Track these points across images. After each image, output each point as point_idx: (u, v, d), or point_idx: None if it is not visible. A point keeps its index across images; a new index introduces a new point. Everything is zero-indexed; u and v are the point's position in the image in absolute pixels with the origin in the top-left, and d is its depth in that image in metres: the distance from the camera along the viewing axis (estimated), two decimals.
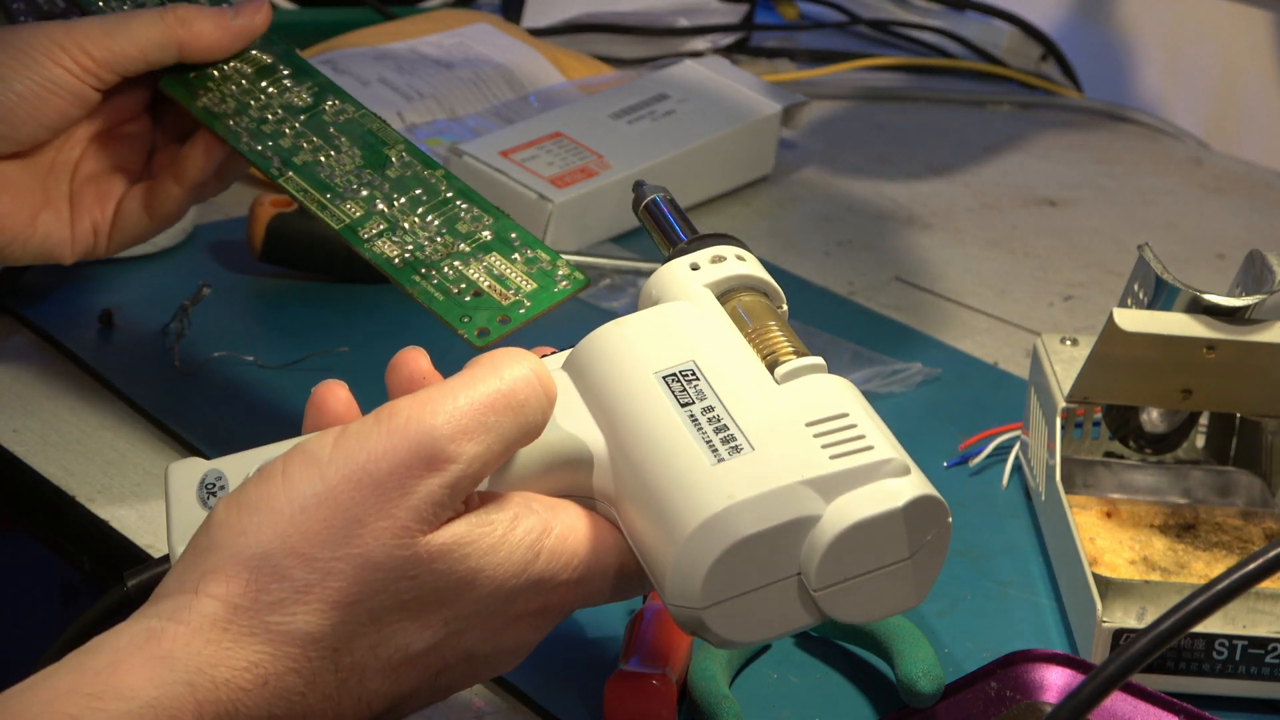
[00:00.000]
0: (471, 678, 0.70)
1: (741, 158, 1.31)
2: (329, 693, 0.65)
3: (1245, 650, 0.81)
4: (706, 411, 0.67)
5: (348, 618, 0.65)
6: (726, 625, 0.66)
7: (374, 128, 0.90)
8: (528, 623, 0.69)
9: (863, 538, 0.64)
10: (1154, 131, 1.52)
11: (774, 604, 0.65)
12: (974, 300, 1.19)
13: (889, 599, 0.66)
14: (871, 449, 0.66)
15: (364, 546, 0.64)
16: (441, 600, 0.66)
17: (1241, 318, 0.87)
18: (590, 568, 0.69)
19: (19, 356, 1.05)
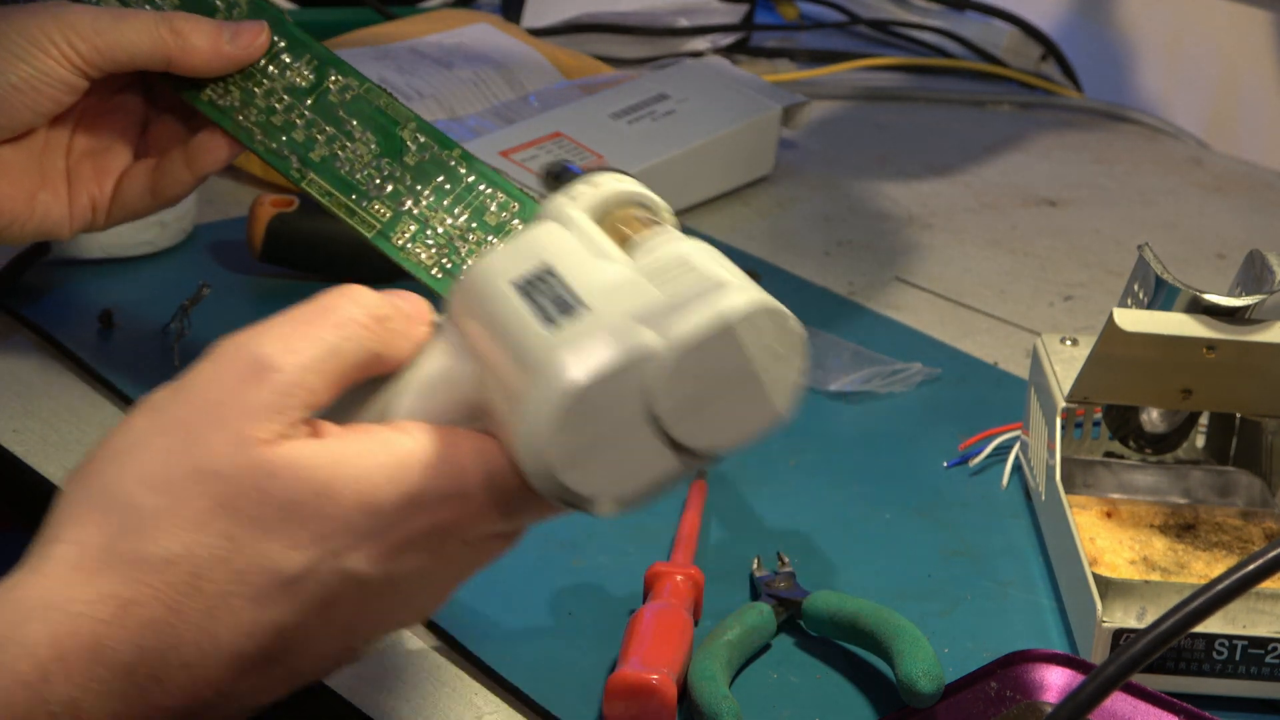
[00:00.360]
0: (378, 617, 0.67)
1: (741, 158, 1.31)
2: (198, 621, 0.64)
3: (1245, 650, 0.81)
4: (551, 295, 0.66)
5: (202, 538, 0.63)
6: (592, 484, 0.64)
7: (382, 104, 0.90)
8: (421, 549, 0.66)
9: (701, 357, 0.63)
10: (1154, 131, 1.52)
11: (633, 450, 0.64)
12: (974, 300, 1.19)
13: (747, 418, 0.64)
14: (704, 272, 0.64)
15: (205, 459, 0.64)
16: (301, 516, 0.64)
17: (1241, 318, 0.87)
18: (464, 479, 0.66)
19: (19, 356, 1.05)
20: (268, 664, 0.65)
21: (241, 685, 0.65)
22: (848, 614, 0.83)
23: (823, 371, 1.07)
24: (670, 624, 0.81)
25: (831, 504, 0.96)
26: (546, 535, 0.91)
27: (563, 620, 0.85)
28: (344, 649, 0.68)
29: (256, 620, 0.64)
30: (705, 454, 0.65)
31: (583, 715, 0.79)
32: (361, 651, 0.69)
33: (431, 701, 0.81)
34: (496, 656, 0.82)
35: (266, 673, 0.66)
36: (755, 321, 0.63)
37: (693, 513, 0.92)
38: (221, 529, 0.64)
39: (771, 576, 0.87)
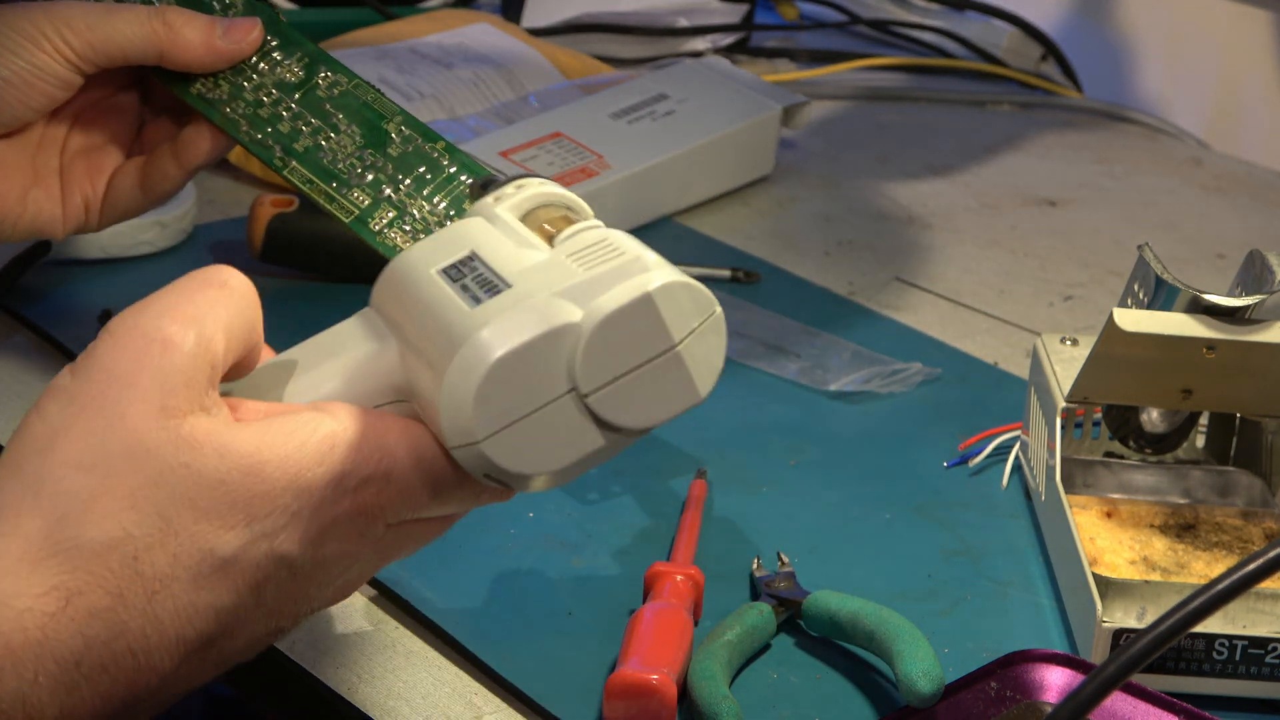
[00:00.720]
0: (303, 598, 0.68)
1: (741, 158, 1.31)
2: (141, 606, 0.64)
3: (1245, 650, 0.81)
4: (475, 277, 0.67)
5: (137, 517, 0.64)
6: (514, 457, 0.64)
7: (369, 99, 0.90)
8: (348, 531, 0.67)
9: (620, 331, 0.63)
10: (1154, 131, 1.52)
11: (557, 425, 0.64)
12: (974, 300, 1.19)
13: (669, 395, 0.65)
14: (624, 254, 0.65)
15: (130, 436, 0.64)
16: (231, 496, 0.65)
17: (1241, 318, 0.87)
18: (392, 459, 0.67)
19: (19, 356, 1.05)
20: (205, 648, 0.66)
21: (180, 671, 0.66)
22: (848, 614, 0.83)
23: (823, 371, 1.07)
24: (670, 624, 0.81)
25: (831, 504, 0.96)
26: (546, 535, 0.91)
27: (563, 620, 0.85)
28: (271, 631, 0.68)
29: (194, 603, 0.65)
30: (628, 430, 0.65)
31: (583, 715, 0.79)
32: (289, 633, 0.70)
33: (431, 701, 0.81)
34: (496, 656, 0.82)
35: (202, 657, 0.66)
36: (674, 295, 0.64)
37: (693, 513, 0.92)
38: (155, 507, 0.64)
39: (771, 576, 0.87)
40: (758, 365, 1.08)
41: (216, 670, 0.68)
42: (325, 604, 0.70)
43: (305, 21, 1.47)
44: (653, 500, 0.94)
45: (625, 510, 0.94)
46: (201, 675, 0.67)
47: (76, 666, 0.63)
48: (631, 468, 0.97)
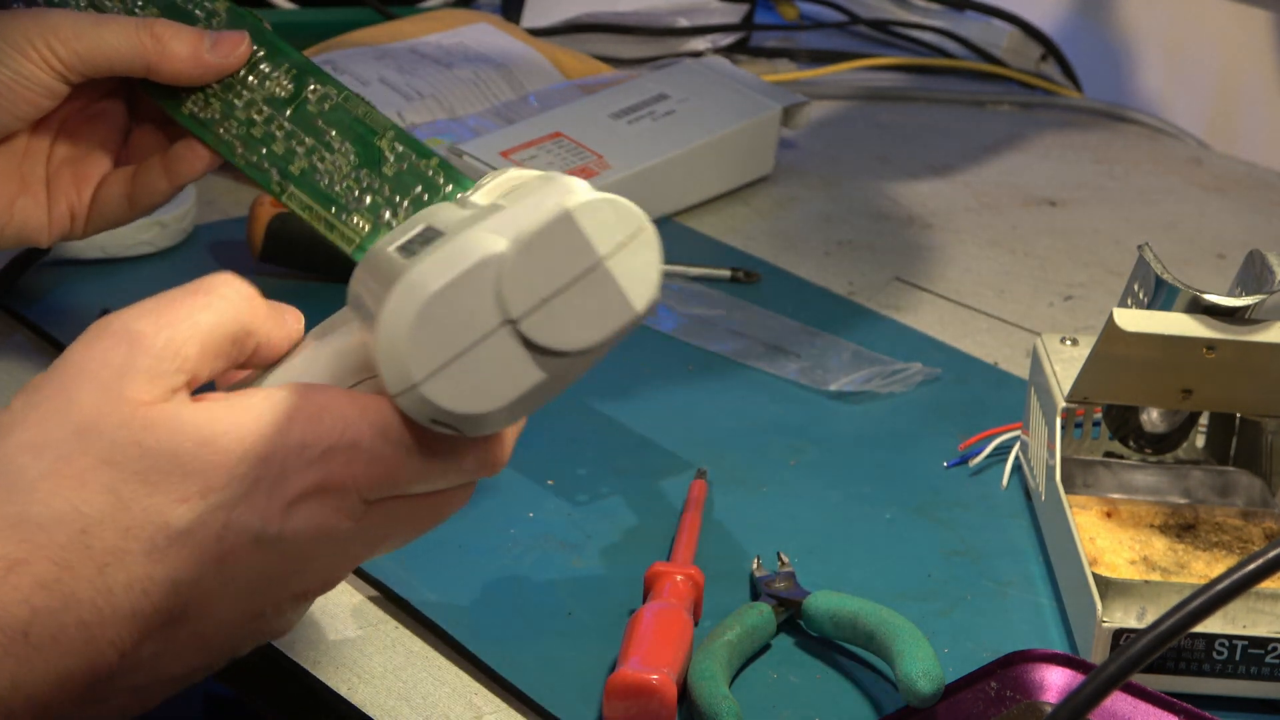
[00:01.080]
0: (282, 577, 0.67)
1: (741, 158, 1.31)
2: (90, 577, 0.64)
3: (1245, 650, 0.81)
4: (423, 240, 0.67)
5: (87, 495, 0.64)
6: (456, 397, 0.64)
7: (360, 113, 0.90)
8: (316, 505, 0.67)
9: (543, 251, 0.63)
10: (1154, 131, 1.52)
11: (495, 360, 0.64)
12: (974, 300, 1.19)
13: (603, 312, 0.64)
14: (550, 182, 0.65)
15: (81, 418, 0.65)
16: (184, 469, 0.65)
17: (1241, 318, 0.87)
18: (356, 429, 0.67)
19: (19, 356, 1.05)
20: (169, 625, 0.66)
21: (145, 649, 0.66)
22: (848, 614, 0.83)
23: (823, 371, 1.07)
24: (670, 624, 0.81)
25: (831, 504, 0.96)
26: (546, 535, 0.91)
27: (563, 620, 0.85)
28: (251, 615, 0.68)
29: (150, 575, 0.65)
30: (566, 353, 0.64)
31: (583, 715, 0.79)
32: (275, 623, 0.69)
33: (431, 701, 0.81)
34: (496, 656, 0.82)
35: (170, 635, 0.66)
36: (595, 211, 0.63)
37: (693, 513, 0.92)
38: (105, 484, 0.65)
39: (771, 576, 0.87)
40: (758, 365, 1.08)
41: (201, 658, 0.67)
42: (312, 589, 0.69)
43: (305, 21, 1.47)
44: (653, 500, 0.94)
45: (625, 510, 0.94)
46: (180, 659, 0.67)
47: (24, 637, 0.63)
48: (631, 468, 0.97)
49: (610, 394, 1.05)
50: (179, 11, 0.93)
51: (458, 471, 0.70)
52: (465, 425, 0.66)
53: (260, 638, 0.70)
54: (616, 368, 1.07)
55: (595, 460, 0.98)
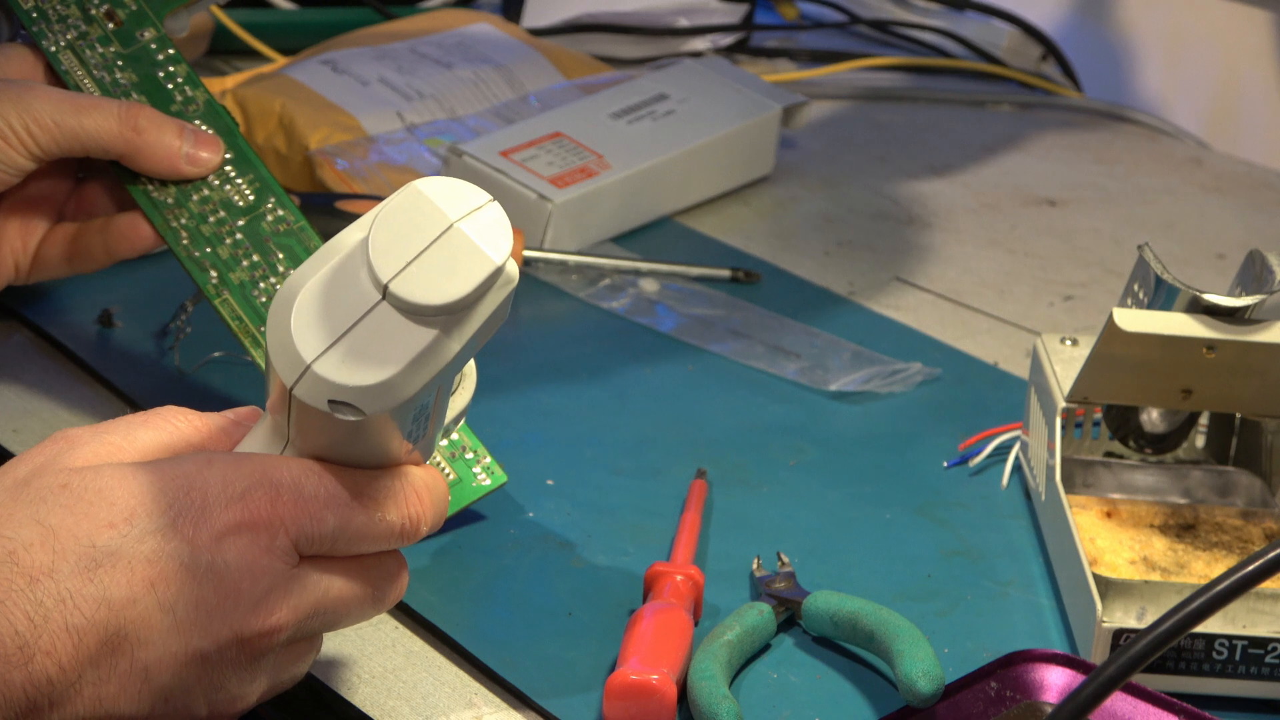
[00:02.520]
0: (222, 613, 0.68)
1: (741, 158, 1.31)
2: (22, 588, 0.65)
3: (1245, 650, 0.81)
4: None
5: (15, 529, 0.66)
6: (350, 370, 0.67)
7: (312, 247, 0.90)
8: (247, 540, 0.68)
9: (399, 221, 0.66)
10: (1154, 131, 1.52)
11: (380, 331, 0.67)
12: (974, 300, 1.19)
13: (466, 267, 0.67)
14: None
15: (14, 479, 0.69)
16: (110, 499, 0.67)
17: (1241, 318, 0.87)
18: (277, 472, 0.70)
19: (19, 356, 1.05)
20: (108, 648, 0.67)
21: (85, 672, 0.66)
22: (848, 614, 0.83)
23: (823, 371, 1.07)
24: (670, 624, 0.81)
25: (831, 504, 0.96)
26: (546, 535, 0.91)
27: (563, 620, 0.85)
28: (195, 655, 0.68)
29: (81, 592, 0.66)
30: (440, 307, 0.67)
31: (583, 715, 0.79)
32: (229, 680, 0.69)
33: (431, 701, 0.81)
34: (496, 656, 0.82)
35: (110, 663, 0.67)
36: (439, 184, 0.67)
37: (693, 513, 0.92)
38: (31, 516, 0.67)
39: (771, 576, 0.87)
40: (758, 365, 1.08)
41: (149, 699, 0.68)
42: (260, 643, 0.70)
43: (305, 21, 1.47)
44: (653, 500, 0.94)
45: (625, 510, 0.94)
46: (125, 695, 0.67)
47: None
48: (631, 468, 0.97)
49: (610, 394, 1.05)
50: (158, 89, 0.93)
51: (382, 527, 0.72)
52: (365, 400, 0.68)
53: (215, 694, 0.70)
54: (617, 367, 1.07)
55: (595, 460, 0.98)
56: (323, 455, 0.71)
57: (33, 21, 0.93)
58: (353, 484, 0.71)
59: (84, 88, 0.92)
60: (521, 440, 0.98)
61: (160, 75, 0.93)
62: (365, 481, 0.71)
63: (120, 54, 0.93)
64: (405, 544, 0.73)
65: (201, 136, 0.91)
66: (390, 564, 0.74)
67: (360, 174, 1.20)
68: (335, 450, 0.71)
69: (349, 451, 0.71)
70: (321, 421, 0.68)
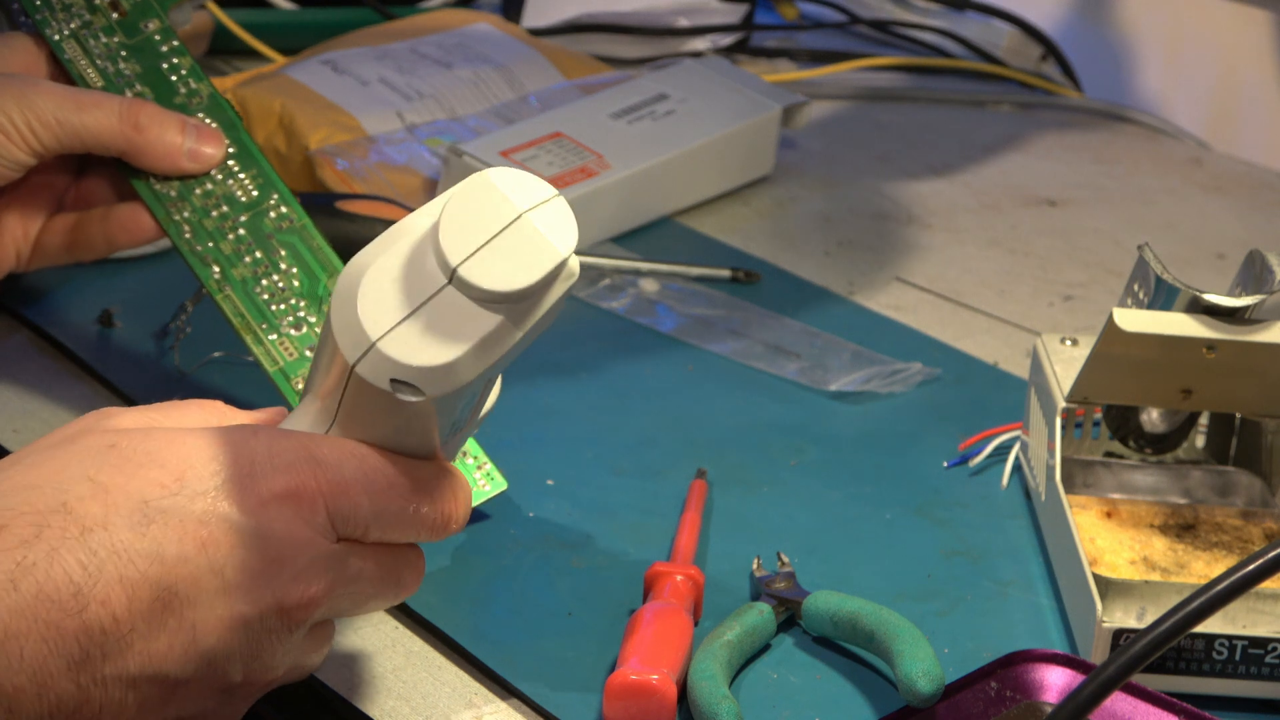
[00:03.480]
0: (266, 578, 0.69)
1: (741, 158, 1.31)
2: (75, 537, 0.66)
3: (1245, 650, 0.81)
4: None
5: (67, 483, 0.67)
6: (415, 350, 0.68)
7: (315, 245, 0.90)
8: (289, 509, 0.69)
9: (469, 207, 0.67)
10: (1154, 131, 1.52)
11: (446, 313, 0.68)
12: (974, 300, 1.19)
13: (533, 256, 0.68)
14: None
15: (60, 436, 0.71)
16: (161, 460, 0.68)
17: (1241, 318, 0.87)
18: (317, 449, 0.70)
19: (19, 356, 1.05)
20: (159, 605, 0.67)
21: (139, 627, 0.66)
22: (848, 614, 0.83)
23: (823, 371, 1.07)
24: (670, 624, 0.81)
25: (831, 504, 0.96)
26: (546, 535, 0.91)
27: (563, 620, 0.85)
28: (240, 620, 0.68)
29: (133, 546, 0.66)
30: (507, 294, 0.68)
31: (583, 715, 0.79)
32: (264, 648, 0.70)
33: (431, 701, 0.81)
34: (496, 656, 0.82)
35: (160, 620, 0.67)
36: (508, 174, 0.68)
37: (693, 513, 0.92)
38: (82, 474, 0.67)
39: (771, 576, 0.87)
40: (758, 365, 1.08)
41: (193, 661, 0.68)
42: (298, 614, 0.70)
43: (305, 21, 1.47)
44: (653, 500, 0.94)
45: (625, 510, 0.94)
46: (171, 656, 0.67)
47: (13, 586, 0.64)
48: (631, 468, 0.97)
49: (610, 394, 1.05)
50: (162, 81, 0.93)
51: (416, 518, 0.73)
52: (428, 380, 0.68)
53: (251, 661, 0.70)
54: (617, 367, 1.07)
55: (595, 460, 0.98)
56: (366, 439, 0.72)
57: (36, 10, 0.93)
58: (393, 472, 0.71)
59: (87, 78, 0.92)
60: (521, 440, 0.98)
61: (164, 67, 0.93)
62: (405, 471, 0.72)
63: (124, 45, 0.93)
64: (434, 539, 0.74)
65: (204, 131, 0.91)
66: (412, 554, 0.74)
67: (360, 174, 1.20)
68: (380, 435, 0.71)
69: (393, 437, 0.72)
70: (376, 402, 0.69)
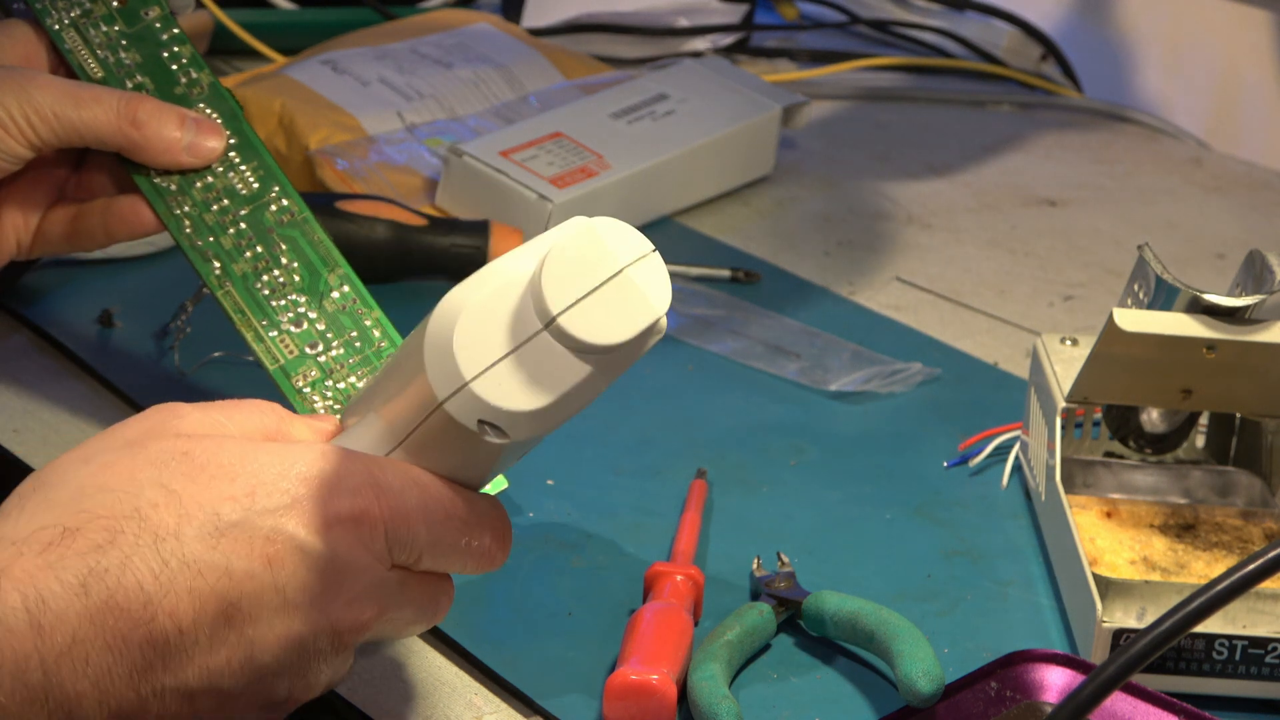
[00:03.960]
0: (324, 598, 0.69)
1: (741, 158, 1.31)
2: (148, 544, 0.66)
3: (1245, 650, 0.81)
4: None
5: (139, 488, 0.67)
6: (505, 394, 0.68)
7: (316, 239, 0.90)
8: (351, 533, 0.69)
9: (573, 255, 0.68)
10: (1154, 131, 1.52)
11: (539, 360, 0.69)
12: (974, 300, 1.19)
13: (631, 311, 0.69)
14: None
15: (130, 436, 0.71)
16: (232, 473, 0.68)
17: (1241, 318, 0.87)
18: (383, 475, 0.70)
19: (19, 356, 1.05)
20: (222, 618, 0.67)
21: (202, 640, 0.66)
22: (848, 614, 0.83)
23: (823, 371, 1.07)
24: (670, 624, 0.81)
25: (831, 504, 0.96)
26: (546, 535, 0.91)
27: (563, 620, 0.85)
28: (294, 640, 0.68)
29: (203, 558, 0.67)
30: (603, 347, 0.69)
31: (583, 715, 0.79)
32: (310, 667, 0.70)
33: (431, 701, 0.81)
34: (496, 656, 0.82)
35: (222, 634, 0.67)
36: (612, 226, 0.69)
37: (693, 513, 0.92)
38: (155, 480, 0.67)
39: (771, 576, 0.87)
40: (758, 365, 1.08)
41: (246, 676, 0.68)
42: (344, 629, 0.70)
43: (305, 21, 1.47)
44: (653, 500, 0.94)
45: (625, 510, 0.94)
46: (228, 671, 0.67)
47: (84, 590, 0.65)
48: (631, 467, 0.97)
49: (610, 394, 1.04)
50: (162, 70, 0.92)
51: (467, 552, 0.73)
52: (515, 424, 0.69)
53: (298, 680, 0.70)
54: None
55: (595, 460, 0.98)
56: (428, 467, 0.72)
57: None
58: (451, 503, 0.72)
59: (87, 67, 0.92)
60: None
61: (165, 56, 0.93)
62: (464, 502, 0.72)
63: (124, 33, 0.93)
64: (478, 572, 0.74)
65: (204, 124, 0.91)
66: (446, 584, 0.74)
67: (360, 174, 1.20)
68: (443, 465, 0.72)
69: (456, 469, 0.72)
70: (455, 437, 0.70)
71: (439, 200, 1.21)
